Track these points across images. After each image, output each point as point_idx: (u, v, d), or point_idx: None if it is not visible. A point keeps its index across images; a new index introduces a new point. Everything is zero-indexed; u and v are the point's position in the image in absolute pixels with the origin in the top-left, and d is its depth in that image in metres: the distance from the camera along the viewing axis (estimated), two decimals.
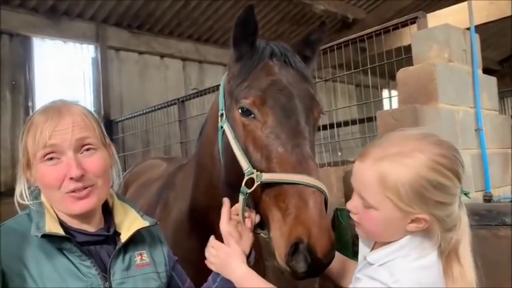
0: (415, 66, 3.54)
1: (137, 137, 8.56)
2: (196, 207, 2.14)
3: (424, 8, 10.23)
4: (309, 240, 1.38)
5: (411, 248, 1.29)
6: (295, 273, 1.42)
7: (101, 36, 9.10)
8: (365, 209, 1.30)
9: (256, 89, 1.63)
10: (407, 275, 1.22)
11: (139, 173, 3.65)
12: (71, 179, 1.30)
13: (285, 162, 1.52)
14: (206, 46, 10.88)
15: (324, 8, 10.33)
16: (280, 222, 1.46)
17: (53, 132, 1.30)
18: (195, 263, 2.16)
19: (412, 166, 1.22)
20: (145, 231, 1.52)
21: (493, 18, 6.14)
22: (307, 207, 1.43)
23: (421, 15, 3.90)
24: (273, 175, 1.50)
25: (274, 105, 1.60)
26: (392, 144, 1.28)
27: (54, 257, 1.29)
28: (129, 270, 1.40)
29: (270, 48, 1.74)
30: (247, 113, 1.62)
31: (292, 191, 1.46)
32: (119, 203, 1.53)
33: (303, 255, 1.38)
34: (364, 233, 1.38)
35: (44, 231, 1.27)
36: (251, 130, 1.61)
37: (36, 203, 1.38)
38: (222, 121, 1.75)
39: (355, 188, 1.34)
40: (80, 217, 1.38)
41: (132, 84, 9.64)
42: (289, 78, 1.67)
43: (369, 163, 1.28)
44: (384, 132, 3.35)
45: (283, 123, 1.57)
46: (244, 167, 1.57)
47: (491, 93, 4.22)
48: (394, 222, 1.27)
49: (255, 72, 1.68)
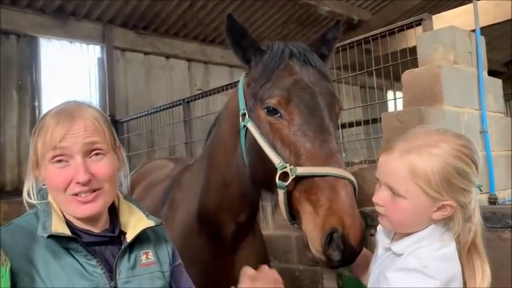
0: (421, 68, 3.54)
1: (142, 138, 8.59)
2: (205, 206, 2.16)
3: (429, 9, 10.19)
4: (343, 229, 1.45)
5: (433, 238, 1.36)
6: (330, 262, 1.48)
7: (107, 36, 9.14)
8: (393, 200, 1.37)
9: (280, 88, 1.70)
10: (434, 263, 1.29)
11: (145, 173, 3.67)
12: (78, 183, 1.32)
13: (315, 156, 1.59)
14: (211, 47, 10.90)
15: (329, 9, 10.31)
16: (313, 214, 1.52)
17: (64, 135, 1.31)
18: (204, 261, 2.18)
19: (439, 155, 1.32)
20: (151, 230, 1.53)
21: (499, 20, 6.13)
22: (340, 198, 1.50)
23: (426, 17, 3.90)
24: (307, 168, 1.57)
25: (299, 103, 1.67)
26: (417, 138, 1.38)
27: (61, 256, 1.31)
28: (135, 270, 1.42)
29: (289, 49, 1.81)
30: (273, 113, 1.69)
31: (323, 183, 1.53)
32: (124, 202, 1.54)
33: (338, 244, 1.45)
34: (390, 224, 1.43)
35: (50, 231, 1.29)
36: (278, 128, 1.69)
37: (44, 202, 1.40)
38: (244, 120, 1.82)
39: (383, 181, 1.41)
40: (85, 219, 1.39)
41: (138, 85, 9.67)
42: (310, 77, 1.75)
43: (396, 155, 1.37)
44: (388, 134, 3.36)
45: (309, 121, 1.64)
46: (276, 162, 1.63)
47: (496, 96, 4.22)
48: (422, 210, 1.35)
49: (277, 73, 1.75)
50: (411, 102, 3.44)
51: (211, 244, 2.17)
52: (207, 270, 2.18)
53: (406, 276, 1.30)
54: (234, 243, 2.19)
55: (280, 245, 4.40)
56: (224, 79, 9.85)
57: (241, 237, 2.21)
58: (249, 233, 2.27)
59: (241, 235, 2.20)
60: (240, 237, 2.20)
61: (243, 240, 2.23)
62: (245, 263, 2.23)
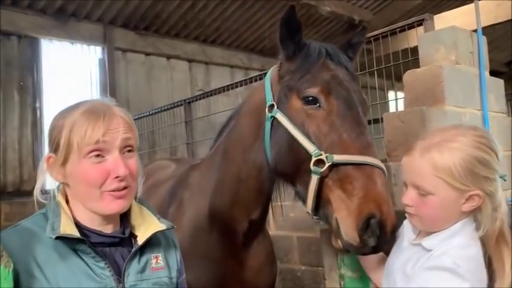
0: (422, 69, 3.53)
1: (143, 138, 8.58)
2: (218, 203, 2.18)
3: (430, 9, 10.19)
4: (381, 216, 1.49)
5: (465, 233, 1.41)
6: (364, 248, 1.53)
7: (108, 37, 9.15)
8: (421, 198, 1.42)
9: (320, 80, 1.77)
10: (466, 263, 1.33)
11: (148, 174, 3.66)
12: (116, 178, 1.32)
13: (353, 146, 1.64)
14: (212, 47, 10.91)
15: (331, 10, 10.32)
16: (347, 201, 1.56)
17: (106, 130, 1.32)
18: (214, 258, 2.20)
19: (458, 148, 1.37)
20: (161, 234, 1.52)
21: (500, 20, 6.13)
22: (377, 186, 1.55)
23: (427, 17, 3.89)
24: (344, 156, 1.61)
25: (338, 96, 1.74)
26: (435, 136, 1.45)
27: (69, 257, 1.30)
28: (144, 273, 1.41)
29: (325, 48, 1.89)
30: (312, 102, 1.76)
31: (360, 172, 1.58)
32: (136, 205, 1.53)
33: (375, 230, 1.49)
34: (421, 223, 1.47)
35: (59, 232, 1.28)
36: (316, 118, 1.74)
37: (53, 202, 1.39)
38: (272, 111, 1.87)
39: (409, 181, 1.46)
40: (106, 217, 1.39)
41: (139, 85, 9.68)
42: (344, 76, 1.83)
43: (417, 155, 1.43)
44: (390, 134, 3.35)
45: (347, 113, 1.71)
46: (311, 149, 1.67)
47: (498, 96, 4.20)
48: (451, 203, 1.39)
49: (316, 68, 1.82)
50: (413, 102, 3.43)
51: (222, 242, 2.20)
52: (216, 268, 2.20)
53: (440, 275, 1.34)
54: (245, 241, 2.21)
55: (282, 245, 4.40)
56: (225, 79, 9.87)
57: (253, 236, 2.23)
58: (260, 231, 2.30)
59: (253, 233, 2.22)
60: (251, 236, 2.22)
61: (254, 239, 2.25)
62: (255, 261, 2.25)
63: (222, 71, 11.13)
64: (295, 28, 1.88)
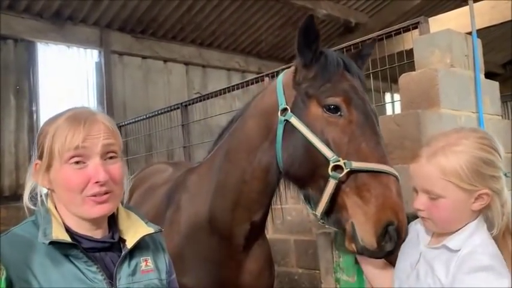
0: (417, 72, 3.54)
1: (140, 142, 8.58)
2: (219, 205, 2.19)
3: (426, 12, 10.25)
4: (398, 223, 1.59)
5: (481, 233, 1.46)
6: (381, 252, 1.62)
7: (105, 41, 9.15)
8: (433, 202, 1.47)
9: (342, 90, 1.84)
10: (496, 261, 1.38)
11: (144, 178, 3.67)
12: (96, 183, 1.33)
13: (371, 155, 1.70)
14: (209, 50, 10.93)
15: (327, 13, 10.35)
16: (365, 208, 1.63)
17: (86, 136, 1.34)
18: (213, 261, 2.20)
19: (462, 150, 1.43)
20: (149, 238, 1.54)
21: (495, 22, 6.17)
22: (394, 194, 1.63)
23: (423, 20, 3.91)
24: (362, 164, 1.68)
25: (357, 106, 1.81)
26: (438, 141, 1.51)
27: (61, 263, 1.31)
28: (135, 276, 1.42)
29: (342, 59, 1.96)
30: (334, 111, 1.81)
31: (377, 180, 1.65)
32: (123, 210, 1.55)
33: (393, 236, 1.59)
34: (434, 226, 1.52)
35: (51, 238, 1.29)
36: (336, 125, 1.79)
37: (43, 209, 1.40)
38: (285, 115, 1.91)
39: (419, 186, 1.52)
40: (91, 222, 1.40)
41: (136, 89, 9.68)
42: (359, 87, 1.91)
43: (424, 161, 1.49)
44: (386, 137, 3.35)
45: (366, 123, 1.78)
46: (329, 155, 1.73)
47: (493, 98, 4.22)
48: (461, 204, 1.44)
49: (336, 77, 1.88)
50: (408, 105, 3.45)
51: (221, 245, 2.20)
52: (215, 271, 2.21)
53: (480, 276, 1.37)
54: (245, 244, 2.22)
55: (279, 248, 4.40)
56: (222, 82, 9.88)
57: (253, 238, 2.25)
58: (261, 234, 2.32)
59: (254, 236, 2.23)
60: (252, 238, 2.23)
61: (254, 241, 2.26)
62: (254, 265, 2.26)
63: (219, 74, 11.14)
64: (313, 37, 1.92)
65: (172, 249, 2.21)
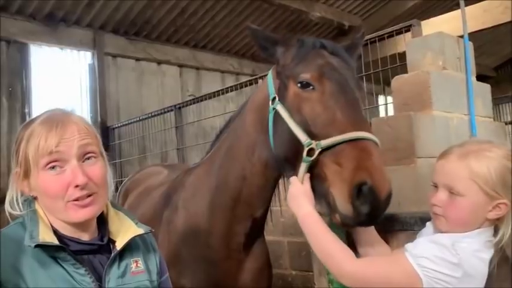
0: (410, 74, 3.56)
1: (134, 144, 8.56)
2: (220, 203, 2.20)
3: (419, 15, 10.28)
4: (373, 182, 1.52)
5: (477, 240, 1.48)
6: (358, 216, 1.55)
7: (98, 43, 9.11)
8: (451, 200, 1.50)
9: (313, 65, 1.84)
10: (466, 256, 1.42)
11: (139, 180, 3.67)
12: (76, 187, 1.31)
13: (345, 123, 1.67)
14: (203, 53, 10.91)
15: (320, 15, 10.38)
16: (341, 173, 1.60)
17: (59, 140, 1.31)
18: (212, 260, 2.20)
19: (494, 157, 1.48)
20: (140, 238, 1.53)
21: (487, 26, 6.22)
22: (370, 154, 1.59)
23: (415, 23, 3.94)
24: (333, 138, 1.65)
25: (330, 77, 1.80)
26: (471, 145, 1.56)
27: (49, 265, 1.30)
28: (124, 278, 1.41)
29: (319, 41, 1.97)
30: (306, 86, 1.81)
31: (352, 146, 1.62)
32: (113, 211, 1.54)
33: (367, 196, 1.52)
34: (446, 224, 1.54)
35: (38, 240, 1.27)
36: (309, 100, 1.79)
37: (30, 211, 1.38)
38: (274, 104, 1.93)
39: (441, 182, 1.54)
40: (77, 225, 1.38)
41: (129, 91, 9.64)
42: (339, 63, 1.89)
43: (454, 158, 1.53)
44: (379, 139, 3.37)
45: (340, 93, 1.76)
46: (303, 139, 1.72)
47: (485, 100, 4.25)
48: (479, 208, 1.48)
49: (310, 56, 1.89)
50: (401, 107, 3.46)
51: (221, 244, 2.20)
52: (215, 270, 2.21)
53: (433, 245, 1.44)
54: (246, 242, 2.22)
55: (273, 250, 4.39)
56: (216, 85, 9.87)
57: (254, 236, 2.26)
58: (261, 232, 2.32)
59: (254, 233, 2.24)
60: (252, 236, 2.24)
61: (255, 240, 2.27)
62: (254, 263, 2.26)
63: (212, 76, 11.13)
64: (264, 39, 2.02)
65: (170, 249, 2.22)
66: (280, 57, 2.03)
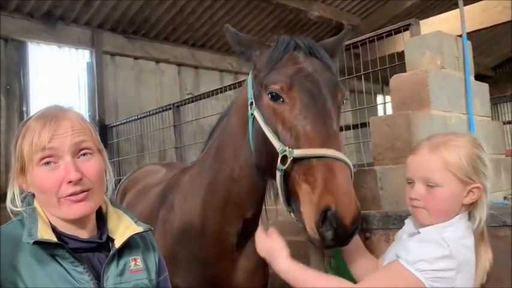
0: (408, 73, 3.57)
1: (132, 142, 8.55)
2: (210, 204, 2.19)
3: (417, 14, 10.29)
4: (337, 207, 1.50)
5: (459, 226, 1.54)
6: (324, 241, 1.54)
7: (96, 41, 9.09)
8: (429, 191, 1.55)
9: (283, 75, 1.78)
10: (456, 246, 1.46)
11: (137, 178, 3.66)
12: (69, 183, 1.30)
13: (314, 139, 1.65)
14: (201, 51, 10.90)
15: (319, 15, 10.38)
16: (310, 194, 1.59)
17: (52, 136, 1.31)
18: (206, 260, 2.19)
19: (462, 145, 1.55)
20: (139, 237, 1.52)
21: (486, 25, 6.22)
22: (335, 177, 1.56)
23: (413, 22, 3.94)
24: (304, 150, 1.64)
25: (301, 89, 1.74)
26: (438, 138, 1.61)
27: (47, 263, 1.29)
28: (123, 276, 1.41)
29: (294, 41, 1.90)
30: (276, 98, 1.77)
31: (320, 164, 1.60)
32: (112, 209, 1.53)
33: (331, 222, 1.50)
34: (429, 216, 1.57)
35: (36, 237, 1.27)
36: (280, 113, 1.76)
37: (29, 208, 1.38)
38: (252, 109, 1.91)
39: (416, 176, 1.58)
40: (74, 222, 1.38)
41: (127, 89, 9.63)
42: (314, 66, 1.82)
43: (425, 151, 1.58)
44: (377, 138, 3.38)
45: (310, 105, 1.72)
46: (277, 146, 1.71)
47: (483, 100, 4.27)
48: (456, 195, 1.54)
49: (281, 62, 1.84)
50: (399, 106, 3.47)
51: (214, 244, 2.19)
52: (209, 269, 2.20)
53: (424, 245, 1.47)
54: (238, 242, 2.21)
55: None
56: (214, 83, 9.85)
57: (247, 236, 2.23)
58: (254, 231, 2.30)
59: (247, 234, 2.21)
60: (245, 236, 2.22)
61: (248, 239, 2.24)
62: (248, 263, 2.25)
63: (211, 75, 11.12)
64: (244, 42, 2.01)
65: (166, 248, 2.21)
66: (256, 61, 1.99)
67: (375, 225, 2.11)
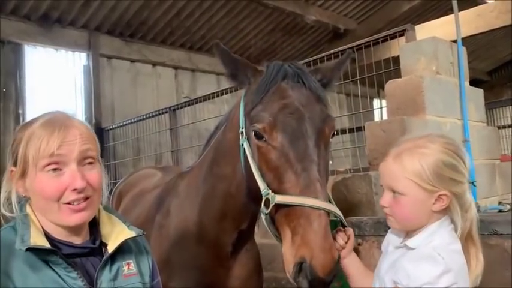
0: (403, 78, 3.59)
1: (128, 145, 8.54)
2: (207, 214, 2.19)
3: (414, 19, 10.35)
4: (311, 260, 1.51)
5: (443, 232, 1.53)
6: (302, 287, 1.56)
7: (93, 44, 9.09)
8: (395, 199, 1.55)
9: (268, 113, 1.72)
10: (448, 254, 1.44)
11: (133, 182, 3.65)
12: (74, 190, 1.31)
13: (293, 186, 1.63)
14: (198, 55, 10.90)
15: (316, 19, 10.42)
16: (289, 241, 1.60)
17: (61, 142, 1.32)
18: (201, 267, 2.19)
19: (427, 153, 1.52)
20: (132, 241, 1.53)
21: (481, 31, 6.27)
22: (312, 229, 1.55)
23: (409, 28, 3.96)
24: (284, 197, 1.63)
25: (283, 130, 1.69)
26: (407, 143, 1.59)
27: (40, 269, 1.29)
28: (116, 281, 1.41)
29: (284, 70, 1.83)
30: (260, 137, 1.73)
31: (300, 212, 1.59)
32: (105, 214, 1.54)
33: (306, 274, 1.52)
34: (396, 223, 1.59)
35: (29, 244, 1.27)
36: (263, 153, 1.73)
37: (22, 215, 1.38)
38: (242, 139, 1.86)
39: (385, 184, 1.60)
40: (69, 229, 1.38)
41: (124, 92, 9.62)
42: (301, 100, 1.75)
43: (390, 160, 1.57)
44: (372, 143, 3.39)
45: (292, 148, 1.67)
46: (261, 187, 1.70)
47: (478, 105, 4.29)
48: (421, 203, 1.52)
49: (267, 96, 1.78)
50: (394, 112, 3.49)
51: (210, 251, 2.20)
52: (203, 277, 2.20)
53: (420, 264, 1.45)
54: (233, 250, 2.22)
55: (266, 253, 4.39)
56: (211, 87, 9.85)
57: (241, 245, 2.24)
58: (249, 240, 2.31)
59: (242, 242, 2.23)
60: (239, 245, 2.23)
61: (242, 247, 2.26)
62: (243, 270, 2.26)
63: (208, 78, 11.12)
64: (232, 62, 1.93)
65: (161, 254, 2.21)
66: (248, 88, 1.93)
67: (367, 232, 2.11)
